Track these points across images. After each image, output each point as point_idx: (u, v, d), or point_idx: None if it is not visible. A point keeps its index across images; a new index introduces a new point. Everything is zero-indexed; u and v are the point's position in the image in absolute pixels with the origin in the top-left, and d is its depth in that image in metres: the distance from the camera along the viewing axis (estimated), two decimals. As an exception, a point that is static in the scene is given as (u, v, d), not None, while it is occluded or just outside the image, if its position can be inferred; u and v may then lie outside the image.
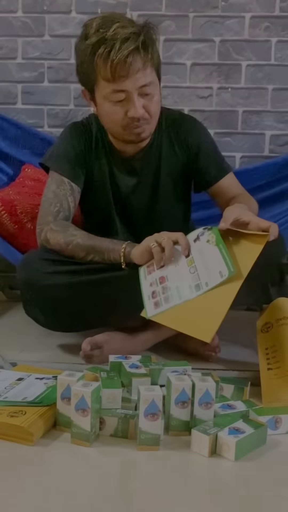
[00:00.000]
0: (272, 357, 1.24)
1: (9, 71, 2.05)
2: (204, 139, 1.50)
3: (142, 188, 1.49)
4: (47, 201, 1.40)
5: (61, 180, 1.41)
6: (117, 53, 1.24)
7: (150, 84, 1.32)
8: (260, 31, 1.97)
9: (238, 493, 0.88)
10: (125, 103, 1.32)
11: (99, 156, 1.47)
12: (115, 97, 1.31)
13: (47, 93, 2.05)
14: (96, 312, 1.36)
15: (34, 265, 1.36)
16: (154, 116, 1.37)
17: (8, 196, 1.71)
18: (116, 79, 1.28)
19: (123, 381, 1.14)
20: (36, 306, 1.37)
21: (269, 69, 1.99)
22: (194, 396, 1.03)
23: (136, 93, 1.30)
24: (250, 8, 1.96)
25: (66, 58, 2.03)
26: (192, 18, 1.98)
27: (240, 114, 2.01)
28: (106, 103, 1.33)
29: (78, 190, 1.44)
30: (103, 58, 1.26)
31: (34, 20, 2.02)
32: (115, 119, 1.34)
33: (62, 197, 1.39)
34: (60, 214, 1.38)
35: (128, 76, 1.28)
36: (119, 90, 1.30)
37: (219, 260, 1.18)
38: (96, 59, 1.28)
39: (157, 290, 1.21)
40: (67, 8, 2.01)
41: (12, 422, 1.00)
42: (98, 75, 1.30)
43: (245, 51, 1.98)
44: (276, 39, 1.97)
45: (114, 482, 0.91)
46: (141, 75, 1.29)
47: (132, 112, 1.31)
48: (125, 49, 1.24)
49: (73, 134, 1.47)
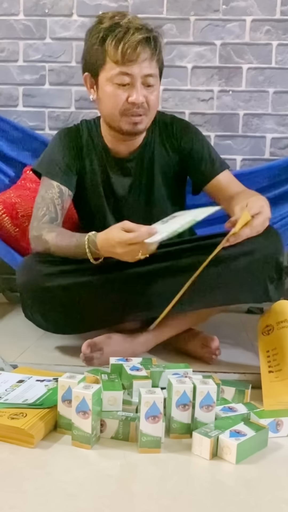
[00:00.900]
0: (273, 359, 1.24)
1: (10, 74, 2.05)
2: (196, 139, 1.51)
3: (136, 189, 1.51)
4: (36, 206, 1.44)
5: (50, 184, 1.43)
6: (130, 37, 1.30)
7: (153, 76, 1.36)
8: (261, 35, 1.97)
9: (239, 496, 0.88)
10: (128, 88, 1.35)
11: (91, 158, 1.48)
12: (119, 80, 1.34)
13: (48, 96, 2.05)
14: (96, 313, 1.36)
15: (33, 267, 1.37)
16: (152, 109, 1.39)
17: (9, 199, 1.71)
18: (125, 62, 1.32)
19: (124, 383, 1.14)
20: (36, 309, 1.38)
21: (270, 72, 1.99)
22: (195, 399, 1.03)
23: (140, 80, 1.34)
24: (251, 12, 1.96)
25: (67, 61, 2.03)
26: (193, 21, 1.98)
27: (241, 117, 2.02)
28: (109, 85, 1.36)
29: (69, 193, 1.45)
30: (116, 40, 1.31)
31: (35, 23, 2.02)
32: (115, 102, 1.36)
33: (49, 201, 1.41)
34: (45, 218, 1.40)
35: (136, 61, 1.32)
36: (125, 73, 1.33)
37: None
38: (108, 41, 1.32)
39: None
40: (69, 11, 2.01)
41: (12, 424, 1.00)
42: (106, 57, 1.34)
43: (246, 54, 1.98)
44: (277, 42, 1.97)
45: (115, 484, 0.91)
46: (148, 65, 1.34)
47: (133, 97, 1.34)
48: (137, 36, 1.30)
49: (63, 139, 1.49)
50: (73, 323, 1.39)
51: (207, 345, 1.39)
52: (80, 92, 2.04)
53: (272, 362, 1.23)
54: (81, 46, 2.00)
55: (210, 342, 1.38)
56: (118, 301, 1.35)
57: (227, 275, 1.31)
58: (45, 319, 1.39)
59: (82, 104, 2.05)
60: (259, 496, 0.88)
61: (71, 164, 1.46)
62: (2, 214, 1.67)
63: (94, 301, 1.35)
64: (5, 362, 1.29)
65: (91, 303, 1.35)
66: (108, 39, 1.32)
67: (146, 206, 1.52)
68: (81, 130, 1.50)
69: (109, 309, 1.36)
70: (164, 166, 1.50)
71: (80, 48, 2.01)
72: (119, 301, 1.35)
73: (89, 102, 2.04)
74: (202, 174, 1.50)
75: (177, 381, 1.05)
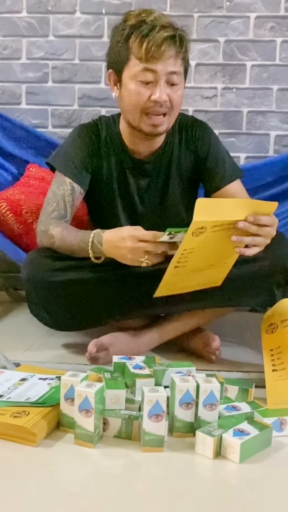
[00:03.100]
0: (277, 358, 1.23)
1: (13, 71, 2.05)
2: (212, 146, 1.48)
3: (152, 190, 1.49)
4: (46, 201, 1.41)
5: (63, 180, 1.41)
6: (155, 35, 1.28)
7: (178, 74, 1.34)
8: (265, 31, 1.96)
9: (243, 495, 0.88)
10: (151, 86, 1.32)
11: (108, 157, 1.46)
12: (143, 77, 1.31)
13: (51, 94, 2.05)
14: (100, 310, 1.36)
15: (38, 262, 1.35)
16: (174, 109, 1.36)
17: (13, 196, 1.71)
18: (149, 59, 1.30)
19: (127, 382, 1.14)
20: (40, 304, 1.37)
21: (274, 69, 1.98)
22: (198, 398, 1.02)
23: (164, 78, 1.32)
24: (255, 8, 1.95)
25: (70, 58, 2.03)
26: (196, 18, 1.98)
27: (245, 114, 2.01)
28: (133, 83, 1.33)
29: (81, 191, 1.43)
30: (140, 37, 1.29)
31: (38, 21, 2.02)
32: (138, 100, 1.33)
33: (60, 197, 1.39)
34: (54, 213, 1.38)
35: (160, 59, 1.30)
36: (149, 69, 1.31)
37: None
38: (133, 38, 1.31)
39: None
40: (72, 8, 2.01)
41: (15, 423, 0.99)
42: (131, 54, 1.32)
43: (250, 51, 1.97)
44: (281, 39, 1.96)
45: (117, 483, 0.91)
46: (172, 62, 1.31)
47: (156, 95, 1.31)
48: (162, 34, 1.28)
49: (81, 135, 1.46)
50: (76, 319, 1.38)
51: (208, 344, 1.38)
52: (83, 90, 2.04)
53: (276, 361, 1.23)
54: (84, 44, 2.02)
55: (211, 341, 1.38)
56: (123, 298, 1.34)
57: (234, 279, 1.29)
58: (49, 314, 1.37)
59: (85, 102, 2.05)
60: (263, 495, 0.88)
61: (87, 162, 1.43)
62: (6, 211, 1.67)
63: (98, 297, 1.34)
64: (8, 360, 1.29)
65: (96, 299, 1.34)
66: (133, 36, 1.30)
67: (160, 208, 1.50)
68: (100, 127, 1.47)
69: (113, 306, 1.36)
70: (181, 169, 1.48)
71: (83, 45, 2.02)
72: (124, 298, 1.34)
73: (93, 100, 2.04)
74: (212, 182, 1.48)
75: (180, 379, 1.04)
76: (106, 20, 2.00)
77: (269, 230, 1.18)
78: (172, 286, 1.26)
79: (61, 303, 1.35)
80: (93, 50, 2.02)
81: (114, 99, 2.02)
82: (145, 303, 1.34)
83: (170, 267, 1.18)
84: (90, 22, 2.01)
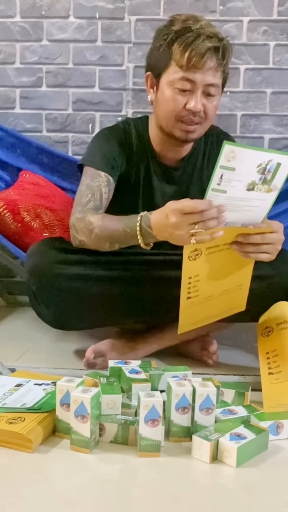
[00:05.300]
0: (273, 361, 1.23)
1: (7, 76, 2.05)
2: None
3: (176, 198, 1.46)
4: (79, 194, 1.36)
5: (97, 173, 1.37)
6: (199, 45, 1.27)
7: (215, 86, 1.33)
8: (258, 35, 1.97)
9: (240, 499, 0.87)
10: (188, 94, 1.31)
11: (137, 159, 1.44)
12: (181, 85, 1.31)
13: (45, 98, 2.05)
14: (102, 310, 1.33)
15: (44, 253, 1.32)
16: (208, 119, 1.36)
17: (10, 196, 1.71)
18: (189, 69, 1.29)
19: (123, 386, 1.13)
20: (41, 297, 1.33)
21: (268, 73, 1.99)
22: (194, 402, 1.02)
23: (201, 89, 1.31)
24: (248, 12, 1.96)
25: (64, 63, 2.03)
26: (190, 22, 1.98)
27: (239, 118, 2.01)
28: (169, 89, 1.32)
29: (114, 184, 1.39)
30: (184, 45, 1.28)
31: (32, 25, 2.02)
32: (172, 107, 1.33)
33: (95, 188, 1.34)
34: (90, 204, 1.32)
35: (200, 69, 1.29)
36: (188, 79, 1.30)
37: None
38: (176, 44, 1.29)
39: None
40: (65, 12, 2.01)
41: (10, 429, 0.99)
42: (172, 60, 1.31)
43: (243, 55, 1.98)
44: (274, 42, 1.97)
45: (114, 489, 0.90)
46: (212, 74, 1.31)
47: (191, 105, 1.31)
48: (207, 44, 1.27)
49: (112, 136, 1.44)
50: (76, 317, 1.35)
51: (206, 348, 1.38)
52: (77, 94, 2.04)
53: (272, 364, 1.23)
54: (78, 48, 2.02)
55: (209, 345, 1.37)
56: (127, 300, 1.32)
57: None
58: (48, 309, 1.33)
59: (80, 106, 2.04)
60: (260, 499, 0.87)
61: (118, 159, 1.41)
62: (3, 210, 1.67)
63: (104, 296, 1.31)
64: (3, 366, 1.29)
65: (99, 298, 1.31)
66: (177, 43, 1.29)
67: None
68: (129, 130, 1.45)
69: (116, 307, 1.33)
70: (202, 179, 1.47)
71: (76, 49, 2.02)
72: (128, 300, 1.32)
73: (87, 104, 2.04)
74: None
75: (176, 384, 1.04)
76: (99, 25, 2.00)
77: (274, 236, 1.15)
78: (193, 318, 1.24)
79: (64, 299, 1.30)
80: (87, 54, 2.02)
81: (108, 104, 2.04)
82: (153, 308, 1.33)
83: (182, 300, 1.17)
84: (84, 26, 2.01)
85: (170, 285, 1.26)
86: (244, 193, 1.07)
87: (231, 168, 1.03)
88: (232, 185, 1.05)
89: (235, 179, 1.05)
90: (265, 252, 1.15)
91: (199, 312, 1.22)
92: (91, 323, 1.40)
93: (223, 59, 1.31)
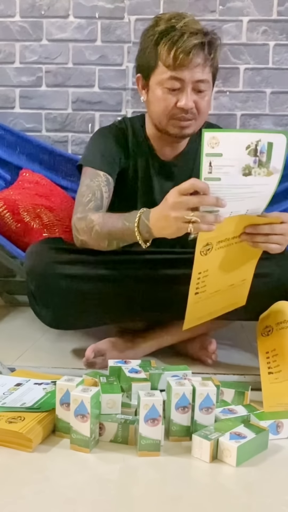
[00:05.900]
0: (273, 361, 1.23)
1: (7, 76, 2.05)
2: None
3: None
4: (80, 194, 1.36)
5: (96, 173, 1.37)
6: (184, 43, 1.27)
7: (205, 82, 1.33)
8: (258, 35, 1.97)
9: (240, 499, 0.87)
10: (178, 93, 1.32)
11: (135, 156, 1.45)
12: (170, 84, 1.31)
13: (45, 98, 2.04)
14: (100, 310, 1.33)
15: (43, 253, 1.32)
16: (201, 115, 1.36)
17: (10, 196, 1.71)
18: (176, 67, 1.29)
19: (123, 386, 1.13)
20: (39, 297, 1.32)
21: (267, 73, 1.99)
22: (194, 401, 1.02)
23: (191, 86, 1.31)
24: (248, 12, 1.96)
25: (64, 62, 2.03)
26: (190, 22, 1.98)
27: (238, 117, 2.01)
28: (159, 89, 1.33)
29: (113, 183, 1.40)
30: (169, 45, 1.28)
31: (31, 25, 2.02)
32: (164, 106, 1.34)
33: (95, 188, 1.35)
34: (91, 204, 1.32)
35: (188, 67, 1.29)
36: (176, 77, 1.30)
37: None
38: (162, 45, 1.30)
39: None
40: (65, 12, 2.01)
41: (10, 428, 0.99)
42: (159, 60, 1.32)
43: (243, 55, 1.98)
44: (274, 42, 1.97)
45: (114, 488, 0.90)
46: (200, 70, 1.31)
47: (182, 103, 1.31)
48: (191, 41, 1.27)
49: (107, 135, 1.45)
50: (74, 317, 1.35)
51: (205, 347, 1.38)
52: (77, 94, 2.04)
53: (271, 363, 1.23)
54: (78, 48, 2.02)
55: (208, 344, 1.37)
56: (125, 300, 1.32)
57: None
58: (47, 308, 1.33)
59: (79, 106, 2.05)
60: (260, 499, 0.87)
61: (117, 157, 1.42)
62: (3, 210, 1.67)
63: (102, 296, 1.31)
64: (3, 365, 1.29)
65: (97, 297, 1.30)
66: (162, 43, 1.29)
67: None
68: (126, 128, 1.46)
69: (115, 307, 1.33)
70: (198, 176, 1.47)
71: (76, 49, 2.02)
72: (126, 300, 1.32)
73: (86, 104, 2.04)
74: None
75: (176, 383, 1.04)
76: (99, 24, 2.00)
77: (284, 227, 1.14)
78: (198, 314, 1.24)
79: (62, 299, 1.30)
80: (86, 54, 2.02)
81: (107, 103, 2.04)
82: (151, 307, 1.33)
83: (190, 295, 1.16)
84: (83, 26, 2.01)
85: (170, 284, 1.26)
86: (241, 179, 1.04)
87: (218, 154, 1.01)
88: (224, 171, 1.03)
89: (226, 165, 1.03)
90: (275, 243, 1.15)
91: (204, 307, 1.22)
92: (90, 322, 1.40)
93: (209, 54, 1.31)
